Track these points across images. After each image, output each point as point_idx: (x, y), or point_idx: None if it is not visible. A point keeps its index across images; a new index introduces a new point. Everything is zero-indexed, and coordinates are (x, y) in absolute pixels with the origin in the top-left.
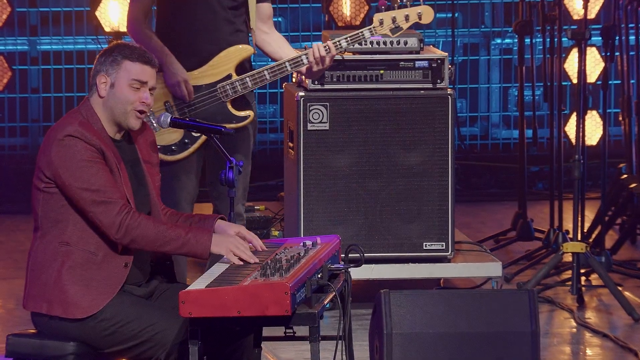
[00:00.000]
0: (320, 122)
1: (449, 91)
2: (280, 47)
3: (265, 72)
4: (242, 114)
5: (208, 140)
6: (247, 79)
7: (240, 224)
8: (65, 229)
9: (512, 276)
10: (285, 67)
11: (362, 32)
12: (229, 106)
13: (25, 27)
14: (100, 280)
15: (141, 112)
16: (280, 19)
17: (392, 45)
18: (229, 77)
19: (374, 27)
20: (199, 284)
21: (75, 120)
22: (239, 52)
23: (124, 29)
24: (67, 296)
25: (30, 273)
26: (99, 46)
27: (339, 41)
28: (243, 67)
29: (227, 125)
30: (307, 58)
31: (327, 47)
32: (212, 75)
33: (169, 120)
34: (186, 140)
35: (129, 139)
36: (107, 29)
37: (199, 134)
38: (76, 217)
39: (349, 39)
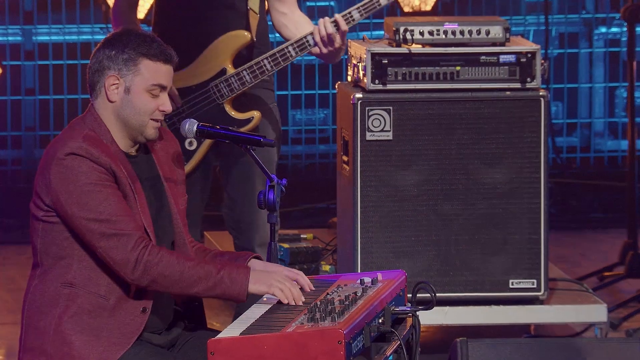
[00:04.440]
0: (382, 130)
1: (542, 92)
2: (298, 29)
3: (265, 62)
4: (244, 116)
5: (218, 153)
6: (244, 72)
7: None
8: (69, 267)
9: (620, 322)
10: (288, 52)
11: None
12: (228, 108)
13: (18, 13)
14: (113, 329)
15: (158, 120)
16: (332, 4)
17: (470, 35)
18: (222, 72)
19: None
20: (232, 330)
21: (79, 134)
22: (232, 40)
23: (140, 15)
24: (70, 349)
25: (26, 320)
26: None
27: (349, 12)
28: (242, 58)
29: None
30: (313, 39)
31: (334, 22)
32: (202, 72)
33: (194, 128)
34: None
35: (145, 152)
36: None
37: (194, 147)
38: (82, 253)
39: (361, 8)
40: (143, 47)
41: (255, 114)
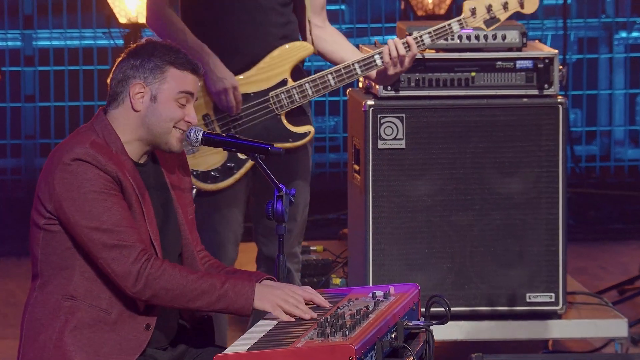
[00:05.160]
0: (395, 138)
1: (560, 99)
2: (338, 44)
3: (329, 77)
4: (301, 129)
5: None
6: (307, 85)
7: (295, 267)
8: (70, 279)
9: None
10: (354, 70)
11: (449, 24)
12: (284, 120)
13: (17, 17)
14: (114, 345)
15: (182, 130)
16: (343, 7)
17: (486, 40)
18: (283, 82)
19: (464, 19)
20: (240, 345)
21: (87, 140)
22: (297, 50)
23: (143, 19)
24: None
25: (25, 333)
26: (111, 42)
27: (420, 36)
28: (298, 70)
29: (282, 145)
30: (380, 58)
31: (406, 44)
32: (262, 80)
33: (200, 136)
34: (230, 164)
35: (153, 160)
36: (122, 20)
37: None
38: (84, 264)
39: (433, 33)
40: (170, 56)
41: (311, 129)
